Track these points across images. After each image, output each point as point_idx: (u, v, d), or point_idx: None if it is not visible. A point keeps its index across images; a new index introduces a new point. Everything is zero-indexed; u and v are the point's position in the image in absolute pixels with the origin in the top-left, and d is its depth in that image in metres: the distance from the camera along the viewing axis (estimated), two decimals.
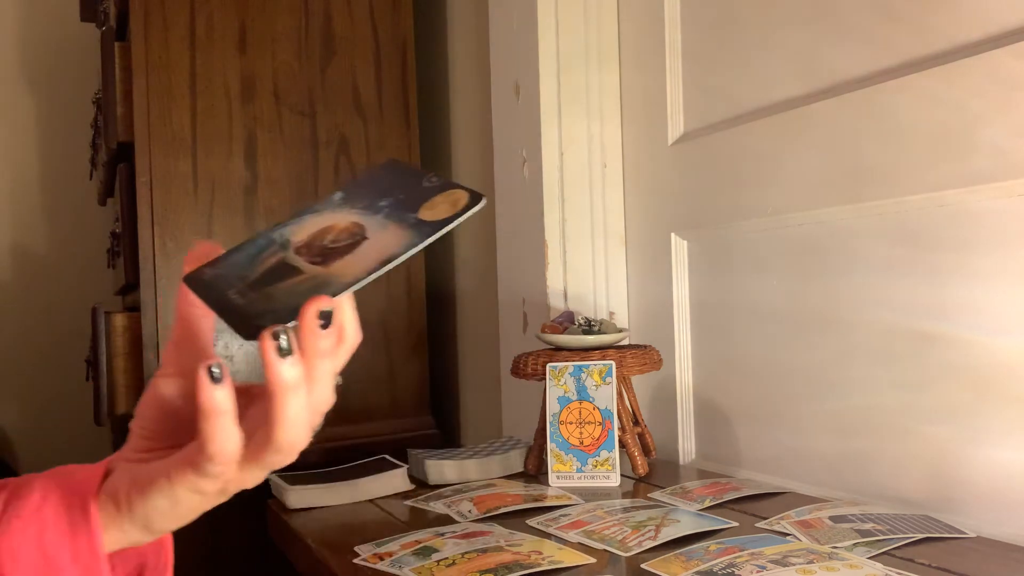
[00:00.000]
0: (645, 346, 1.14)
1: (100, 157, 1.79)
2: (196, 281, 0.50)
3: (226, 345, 1.42)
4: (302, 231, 0.51)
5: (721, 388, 1.17)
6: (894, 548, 0.72)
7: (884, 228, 0.91)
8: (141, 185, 1.39)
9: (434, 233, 0.48)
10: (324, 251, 0.49)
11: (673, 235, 1.24)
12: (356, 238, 0.50)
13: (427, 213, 0.50)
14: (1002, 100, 0.78)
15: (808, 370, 1.02)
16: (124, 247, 1.47)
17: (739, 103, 1.12)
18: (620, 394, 1.07)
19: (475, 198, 0.49)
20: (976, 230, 0.82)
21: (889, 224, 0.91)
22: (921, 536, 0.75)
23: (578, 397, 1.04)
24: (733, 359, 1.14)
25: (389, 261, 0.48)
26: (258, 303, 0.47)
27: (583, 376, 1.04)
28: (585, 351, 1.08)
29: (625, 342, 1.20)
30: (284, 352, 0.44)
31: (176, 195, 1.41)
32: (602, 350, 1.09)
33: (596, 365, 1.04)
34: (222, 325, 0.47)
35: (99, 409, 1.39)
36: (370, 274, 0.48)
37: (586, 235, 1.34)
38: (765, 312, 1.08)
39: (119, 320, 1.39)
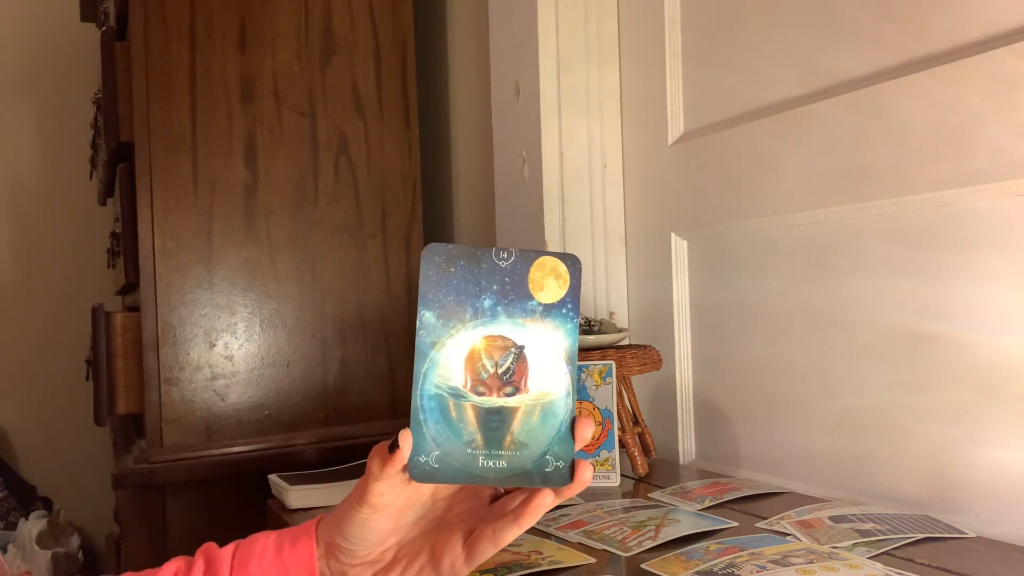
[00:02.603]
0: (645, 346, 1.14)
1: (100, 157, 1.79)
2: (423, 473, 0.52)
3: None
4: (451, 370, 0.52)
5: (721, 388, 1.17)
6: (894, 548, 0.72)
7: (884, 228, 0.91)
8: (141, 185, 1.39)
9: (576, 311, 0.52)
10: (505, 380, 0.52)
11: (673, 235, 1.24)
12: (515, 352, 0.52)
13: (544, 296, 0.52)
14: (1002, 100, 0.78)
15: (808, 370, 1.02)
16: (124, 247, 1.47)
17: (739, 103, 1.12)
18: (620, 394, 1.07)
19: (570, 261, 0.52)
20: (976, 230, 0.82)
21: (889, 224, 0.91)
22: (921, 536, 0.75)
23: (578, 397, 1.04)
24: (733, 359, 1.14)
25: (572, 357, 0.52)
26: (522, 455, 0.51)
27: (583, 376, 1.04)
28: (585, 351, 1.08)
29: (625, 342, 1.20)
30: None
31: (176, 195, 1.41)
32: (602, 350, 1.09)
33: (596, 365, 1.04)
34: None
35: (99, 409, 1.39)
36: (574, 377, 0.52)
37: (586, 235, 1.34)
38: (765, 312, 1.08)
39: (119, 320, 1.39)
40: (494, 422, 0.51)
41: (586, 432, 0.52)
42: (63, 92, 2.57)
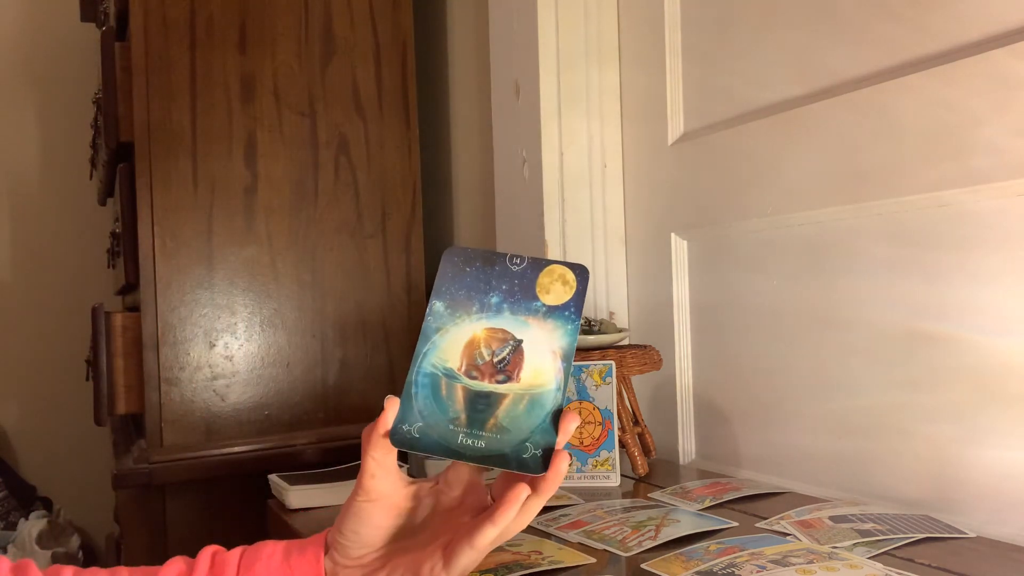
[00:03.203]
0: (645, 346, 1.14)
1: (100, 157, 1.79)
2: (403, 440, 0.53)
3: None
4: (450, 353, 0.54)
5: (721, 388, 1.17)
6: (894, 548, 0.72)
7: (884, 228, 0.91)
8: (141, 185, 1.39)
9: (579, 315, 0.54)
10: (499, 368, 0.54)
11: (673, 235, 1.24)
12: (513, 344, 0.54)
13: (549, 299, 0.55)
14: (1002, 100, 0.78)
15: (808, 370, 1.02)
16: (124, 247, 1.47)
17: (739, 103, 1.12)
18: (620, 394, 1.07)
19: (578, 270, 0.55)
20: (976, 230, 0.82)
21: (889, 224, 0.91)
22: (921, 536, 0.75)
23: (578, 397, 1.04)
24: (733, 359, 1.14)
25: (568, 355, 0.54)
26: (502, 439, 0.52)
27: (583, 376, 1.04)
28: (585, 351, 1.08)
29: (625, 342, 1.20)
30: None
31: (176, 195, 1.41)
32: (602, 350, 1.09)
33: (596, 365, 1.04)
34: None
35: (99, 409, 1.39)
36: (567, 374, 0.53)
37: (586, 235, 1.34)
38: (765, 312, 1.08)
39: (119, 320, 1.39)
40: (481, 404, 0.53)
41: (570, 425, 0.52)
42: (63, 92, 2.57)
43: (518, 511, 0.52)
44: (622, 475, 1.06)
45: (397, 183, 1.57)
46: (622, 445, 1.07)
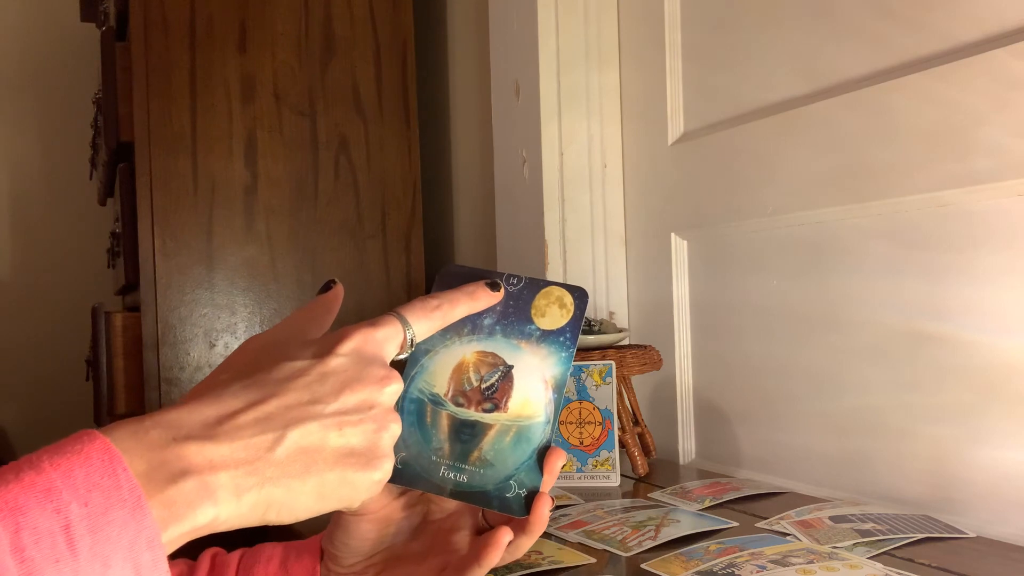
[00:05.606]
0: (645, 346, 1.14)
1: (100, 157, 1.79)
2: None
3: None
4: (437, 378, 0.52)
5: (721, 388, 1.17)
6: (894, 548, 0.72)
7: (884, 228, 0.91)
8: (141, 185, 1.39)
9: (574, 342, 0.51)
10: (486, 396, 0.51)
11: (673, 235, 1.24)
12: (502, 370, 0.51)
13: (544, 322, 0.52)
14: (1002, 100, 0.78)
15: (808, 370, 1.02)
16: (124, 247, 1.47)
17: (739, 103, 1.12)
18: (620, 394, 1.07)
19: (577, 293, 0.52)
20: (976, 230, 0.82)
21: (889, 224, 0.91)
22: (921, 536, 0.75)
23: (578, 397, 1.04)
24: (733, 359, 1.14)
25: (560, 386, 0.51)
26: (485, 474, 0.50)
27: (583, 376, 1.04)
28: (585, 351, 1.08)
29: (625, 342, 1.20)
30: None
31: (176, 195, 1.41)
32: (602, 350, 1.09)
33: (596, 365, 1.04)
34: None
35: (99, 409, 1.39)
36: (557, 405, 0.51)
37: (586, 235, 1.34)
38: (765, 312, 1.08)
39: (119, 320, 1.39)
40: (465, 435, 0.51)
41: (556, 465, 0.50)
42: (63, 92, 2.57)
43: (505, 550, 0.51)
44: (622, 475, 1.06)
45: (397, 183, 1.57)
46: (622, 445, 1.07)
